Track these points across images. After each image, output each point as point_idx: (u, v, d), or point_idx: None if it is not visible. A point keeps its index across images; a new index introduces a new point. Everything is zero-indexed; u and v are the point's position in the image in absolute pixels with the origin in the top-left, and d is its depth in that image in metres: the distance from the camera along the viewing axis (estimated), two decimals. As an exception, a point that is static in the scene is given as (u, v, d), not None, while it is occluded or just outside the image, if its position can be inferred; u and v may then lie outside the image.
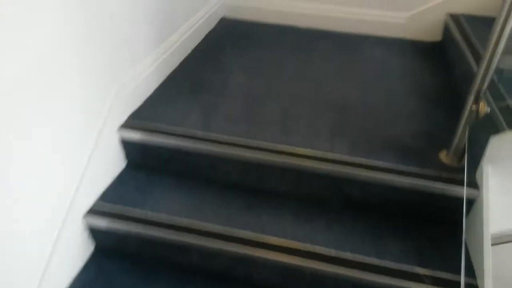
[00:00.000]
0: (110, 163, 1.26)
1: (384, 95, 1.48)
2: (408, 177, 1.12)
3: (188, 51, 1.74)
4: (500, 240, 0.98)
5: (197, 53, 1.75)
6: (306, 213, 1.18)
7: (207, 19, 1.93)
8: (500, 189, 1.03)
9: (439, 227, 1.14)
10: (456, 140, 1.13)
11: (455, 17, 1.85)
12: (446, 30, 1.89)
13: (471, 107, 1.05)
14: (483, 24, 1.75)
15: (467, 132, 1.09)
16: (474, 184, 1.08)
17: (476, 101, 1.04)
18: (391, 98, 1.47)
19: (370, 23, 1.99)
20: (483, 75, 1.00)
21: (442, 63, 1.74)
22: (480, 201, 1.05)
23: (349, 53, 1.81)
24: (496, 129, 1.04)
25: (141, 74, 1.36)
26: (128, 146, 1.30)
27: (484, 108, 0.98)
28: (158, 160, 1.31)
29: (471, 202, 1.09)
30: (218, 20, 2.10)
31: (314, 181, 1.19)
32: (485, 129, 1.06)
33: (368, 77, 1.60)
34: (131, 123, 1.29)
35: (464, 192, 1.05)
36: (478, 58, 1.45)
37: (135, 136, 1.26)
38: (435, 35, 1.96)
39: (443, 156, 1.18)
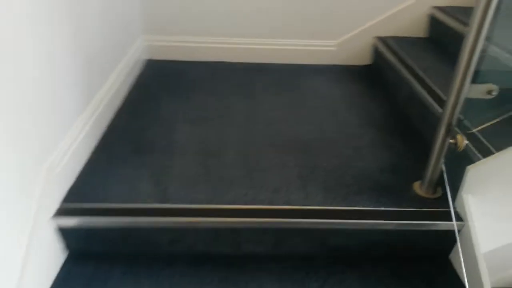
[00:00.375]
0: (51, 259, 1.02)
1: (338, 129, 1.43)
2: (391, 219, 1.05)
3: (119, 103, 1.55)
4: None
5: (130, 105, 1.56)
6: (291, 277, 1.06)
7: (133, 64, 1.75)
8: (483, 217, 1.02)
9: (429, 263, 1.10)
10: (429, 172, 1.10)
11: (383, 40, 1.90)
12: (376, 53, 1.94)
13: (443, 140, 1.03)
14: (411, 45, 1.82)
15: (440, 163, 1.07)
16: (457, 215, 1.05)
17: (448, 133, 1.01)
18: (345, 131, 1.42)
19: (303, 53, 1.97)
20: (453, 105, 0.99)
21: (380, 86, 1.76)
22: (467, 231, 1.02)
23: (290, 86, 1.75)
24: (471, 160, 1.02)
25: (72, 144, 1.14)
26: (67, 235, 1.06)
27: (463, 141, 0.96)
28: (107, 245, 1.09)
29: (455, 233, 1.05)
30: (145, 63, 1.93)
31: (296, 238, 1.08)
32: (460, 159, 1.04)
33: (316, 111, 1.55)
34: (67, 206, 1.06)
35: (455, 225, 1.01)
36: (420, 79, 1.47)
37: (72, 221, 1.04)
38: (366, 59, 1.99)
39: (417, 188, 1.14)
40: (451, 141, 0.98)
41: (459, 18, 1.67)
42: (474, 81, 0.96)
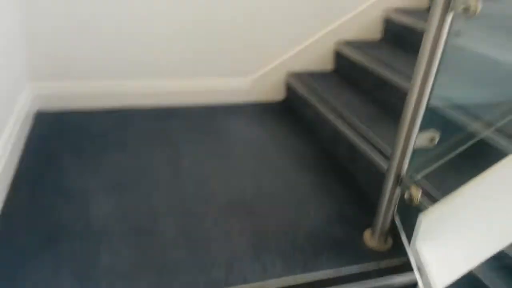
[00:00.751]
0: None
1: (274, 178, 1.36)
2: (355, 281, 1.01)
3: (12, 174, 1.25)
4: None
5: (26, 175, 1.27)
6: None
7: (23, 121, 1.45)
8: (438, 264, 1.03)
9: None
10: (380, 223, 1.08)
11: (295, 75, 1.90)
12: (289, 88, 1.93)
13: (393, 192, 1.02)
14: (322, 79, 1.86)
15: (390, 214, 1.06)
16: (410, 265, 1.05)
17: (397, 184, 1.01)
18: (282, 179, 1.36)
19: (216, 92, 1.88)
20: (401, 157, 0.98)
21: (301, 124, 1.75)
22: (426, 280, 1.03)
23: (210, 131, 1.63)
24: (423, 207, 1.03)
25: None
26: None
27: (418, 193, 0.95)
28: None
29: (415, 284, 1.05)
30: (38, 117, 1.62)
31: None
32: (410, 208, 1.04)
33: (246, 159, 1.46)
34: None
35: (417, 276, 1.00)
36: (341, 117, 1.49)
37: None
38: (280, 94, 1.98)
39: (368, 239, 1.12)
40: (405, 196, 0.97)
41: (365, 51, 1.75)
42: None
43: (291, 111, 1.88)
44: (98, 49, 1.66)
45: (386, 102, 1.59)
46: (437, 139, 0.99)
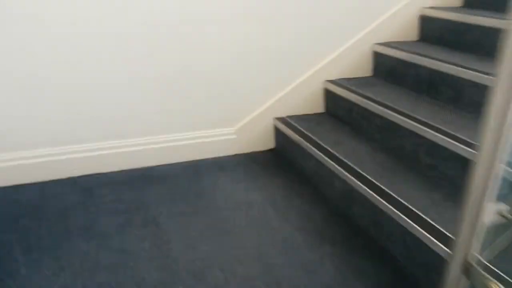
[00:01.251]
0: None
1: (287, 257, 1.11)
2: None
3: None
4: None
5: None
6: None
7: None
8: None
9: None
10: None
11: (285, 120, 1.69)
12: (279, 135, 1.71)
13: (457, 283, 0.80)
14: (315, 123, 1.65)
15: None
16: None
17: (464, 273, 0.79)
18: (293, 259, 1.11)
19: (200, 147, 1.62)
20: (469, 236, 0.77)
21: (300, 177, 1.52)
22: None
23: (198, 198, 1.36)
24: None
25: None
26: None
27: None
28: None
29: None
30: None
31: None
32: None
33: (246, 234, 1.20)
34: None
35: None
36: (350, 169, 1.27)
37: None
38: (269, 143, 1.75)
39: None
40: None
41: (351, 88, 1.58)
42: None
43: (285, 162, 1.65)
44: (45, 111, 1.36)
45: (398, 148, 1.40)
46: (506, 214, 0.79)
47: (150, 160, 1.55)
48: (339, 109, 1.71)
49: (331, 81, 1.73)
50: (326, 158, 1.39)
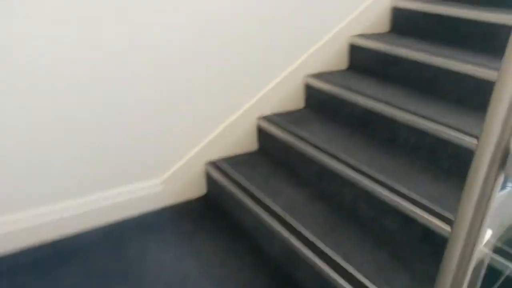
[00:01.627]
0: None
1: None
2: None
3: None
4: None
5: None
6: None
7: None
8: None
9: None
10: None
11: (215, 165, 1.55)
12: (211, 182, 1.57)
13: None
14: (250, 165, 1.54)
15: None
16: None
17: None
18: None
19: (121, 205, 1.42)
20: None
21: (234, 232, 1.39)
22: None
23: (118, 277, 1.18)
24: None
25: None
26: None
27: None
28: None
29: None
30: None
31: None
32: None
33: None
34: None
35: None
36: (293, 231, 1.17)
37: None
38: (201, 189, 1.60)
39: None
40: None
41: (284, 127, 1.48)
42: None
43: (220, 213, 1.51)
44: None
45: (338, 197, 1.33)
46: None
47: (63, 230, 1.33)
48: (273, 150, 1.61)
49: (265, 118, 1.62)
50: (264, 215, 1.28)
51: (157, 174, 1.48)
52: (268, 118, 1.62)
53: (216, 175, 1.51)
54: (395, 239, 1.17)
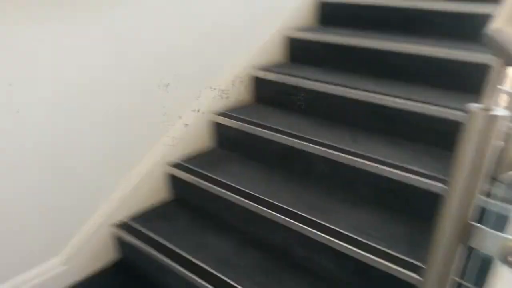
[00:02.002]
0: None
1: None
2: None
3: None
4: None
5: None
6: None
7: None
8: None
9: None
10: None
11: (125, 227, 1.37)
12: (124, 246, 1.39)
13: None
14: (163, 221, 1.40)
15: None
16: None
17: None
18: None
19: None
20: None
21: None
22: None
23: None
24: None
25: None
26: None
27: None
28: None
29: None
30: None
31: None
32: None
33: None
34: None
35: None
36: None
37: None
38: (113, 255, 1.41)
39: None
40: None
41: (197, 172, 1.39)
42: None
43: (140, 279, 1.33)
44: None
45: (269, 241, 1.26)
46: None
47: None
48: (191, 198, 1.49)
49: (176, 165, 1.49)
50: (192, 274, 1.15)
51: (56, 252, 1.25)
52: (179, 166, 1.49)
53: (128, 238, 1.33)
54: (331, 278, 1.14)
